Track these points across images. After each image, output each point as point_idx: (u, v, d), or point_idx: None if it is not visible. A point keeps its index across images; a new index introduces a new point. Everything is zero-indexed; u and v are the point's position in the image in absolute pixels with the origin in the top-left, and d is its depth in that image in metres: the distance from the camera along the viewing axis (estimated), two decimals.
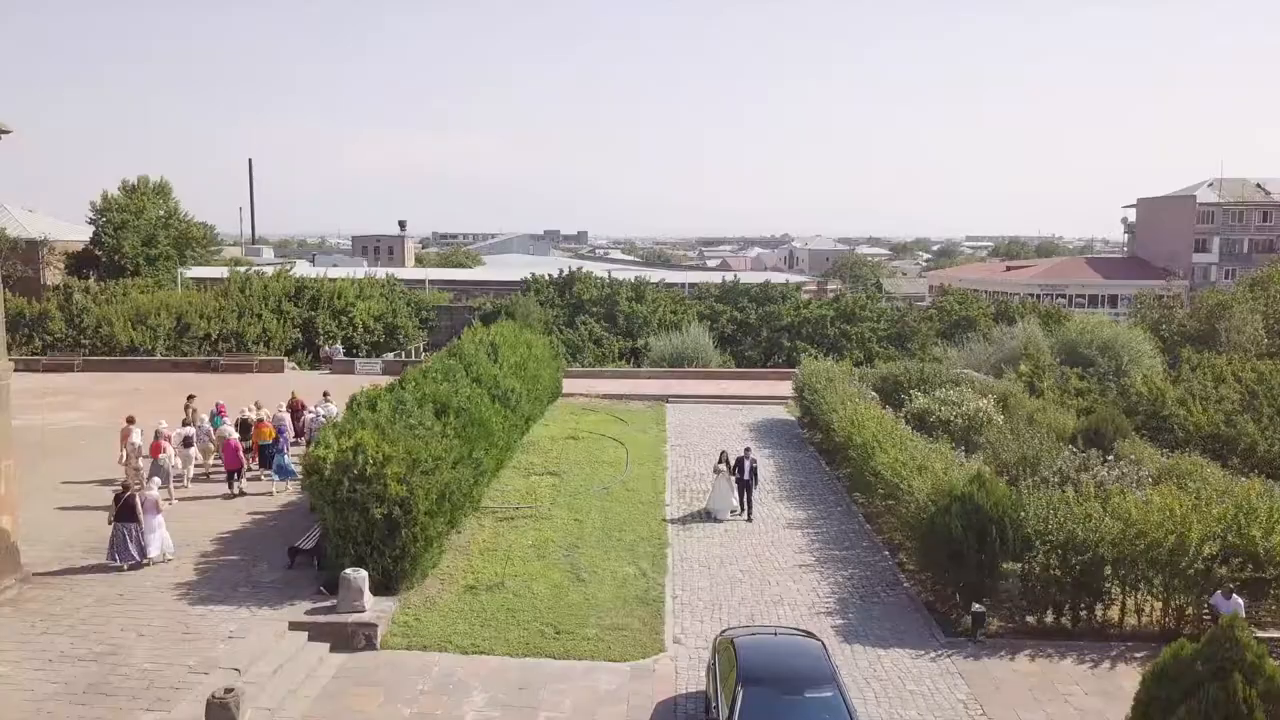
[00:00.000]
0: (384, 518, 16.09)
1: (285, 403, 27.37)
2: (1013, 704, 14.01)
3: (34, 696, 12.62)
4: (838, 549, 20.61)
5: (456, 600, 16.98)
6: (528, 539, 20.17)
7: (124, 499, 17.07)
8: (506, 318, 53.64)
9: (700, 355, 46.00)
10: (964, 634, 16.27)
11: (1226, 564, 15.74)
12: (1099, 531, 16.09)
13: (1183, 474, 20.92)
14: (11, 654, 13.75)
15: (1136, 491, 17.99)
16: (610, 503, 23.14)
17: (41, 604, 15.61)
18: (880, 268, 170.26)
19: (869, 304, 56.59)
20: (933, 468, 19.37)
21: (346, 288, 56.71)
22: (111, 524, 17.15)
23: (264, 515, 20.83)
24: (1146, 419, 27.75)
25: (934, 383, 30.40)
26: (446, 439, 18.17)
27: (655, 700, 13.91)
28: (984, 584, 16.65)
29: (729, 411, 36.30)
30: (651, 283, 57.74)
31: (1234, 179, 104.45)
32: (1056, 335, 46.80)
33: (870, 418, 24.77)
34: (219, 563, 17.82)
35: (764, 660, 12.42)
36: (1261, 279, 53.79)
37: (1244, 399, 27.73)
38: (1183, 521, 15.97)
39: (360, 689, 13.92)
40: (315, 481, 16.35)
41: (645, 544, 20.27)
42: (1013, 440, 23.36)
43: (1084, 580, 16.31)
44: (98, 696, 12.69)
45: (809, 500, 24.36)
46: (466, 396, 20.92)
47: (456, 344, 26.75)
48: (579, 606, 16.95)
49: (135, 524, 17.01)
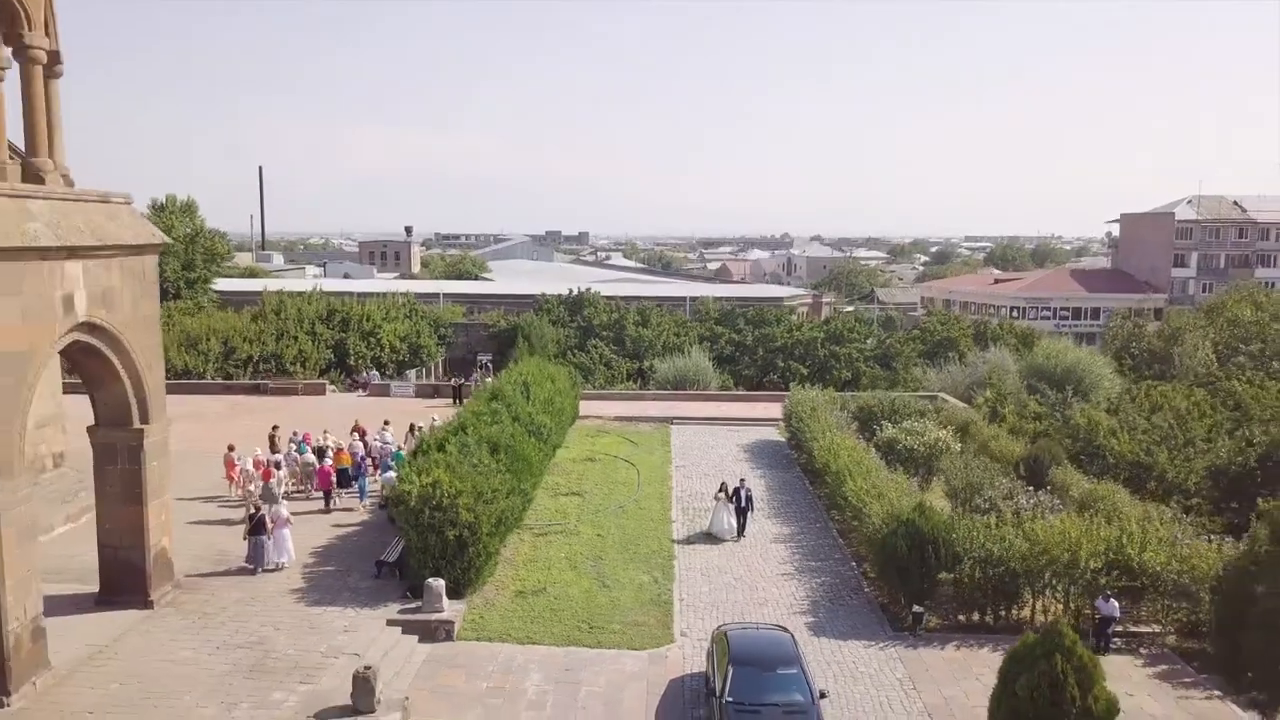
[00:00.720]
0: (455, 538, 20.71)
1: (350, 428, 32.07)
2: (937, 681, 18.61)
3: (215, 674, 17.22)
4: (814, 560, 25.22)
5: (510, 602, 21.60)
6: (561, 552, 24.80)
7: (255, 517, 21.75)
8: (523, 340, 58.36)
9: (701, 377, 50.64)
10: (907, 629, 20.87)
11: (1108, 575, 20.37)
12: (1011, 549, 20.70)
13: (1098, 499, 25.48)
14: (188, 643, 18.35)
15: (1049, 516, 22.60)
16: (626, 520, 27.75)
17: (195, 606, 20.20)
18: (876, 275, 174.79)
19: (856, 326, 61.14)
20: (888, 495, 23.99)
21: (374, 310, 61.28)
22: (247, 538, 21.82)
23: (347, 531, 25.48)
24: (1084, 447, 32.33)
25: (903, 413, 34.91)
26: (500, 474, 22.81)
27: (667, 679, 18.51)
28: (924, 590, 21.23)
29: (727, 433, 40.88)
30: (656, 306, 62.29)
31: (1211, 196, 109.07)
32: (1026, 359, 51.38)
33: (844, 448, 29.39)
34: (320, 572, 22.44)
35: (748, 647, 17.03)
36: (1217, 304, 58.34)
37: (1169, 428, 32.29)
38: (1075, 542, 20.57)
39: (447, 670, 18.52)
40: (402, 510, 20.97)
41: (656, 556, 24.89)
42: (962, 469, 27.95)
43: (1001, 587, 20.92)
44: (261, 673, 17.29)
45: (793, 517, 28.95)
46: (511, 435, 25.56)
47: (496, 383, 31.42)
48: (606, 607, 21.57)
49: (266, 536, 21.68)
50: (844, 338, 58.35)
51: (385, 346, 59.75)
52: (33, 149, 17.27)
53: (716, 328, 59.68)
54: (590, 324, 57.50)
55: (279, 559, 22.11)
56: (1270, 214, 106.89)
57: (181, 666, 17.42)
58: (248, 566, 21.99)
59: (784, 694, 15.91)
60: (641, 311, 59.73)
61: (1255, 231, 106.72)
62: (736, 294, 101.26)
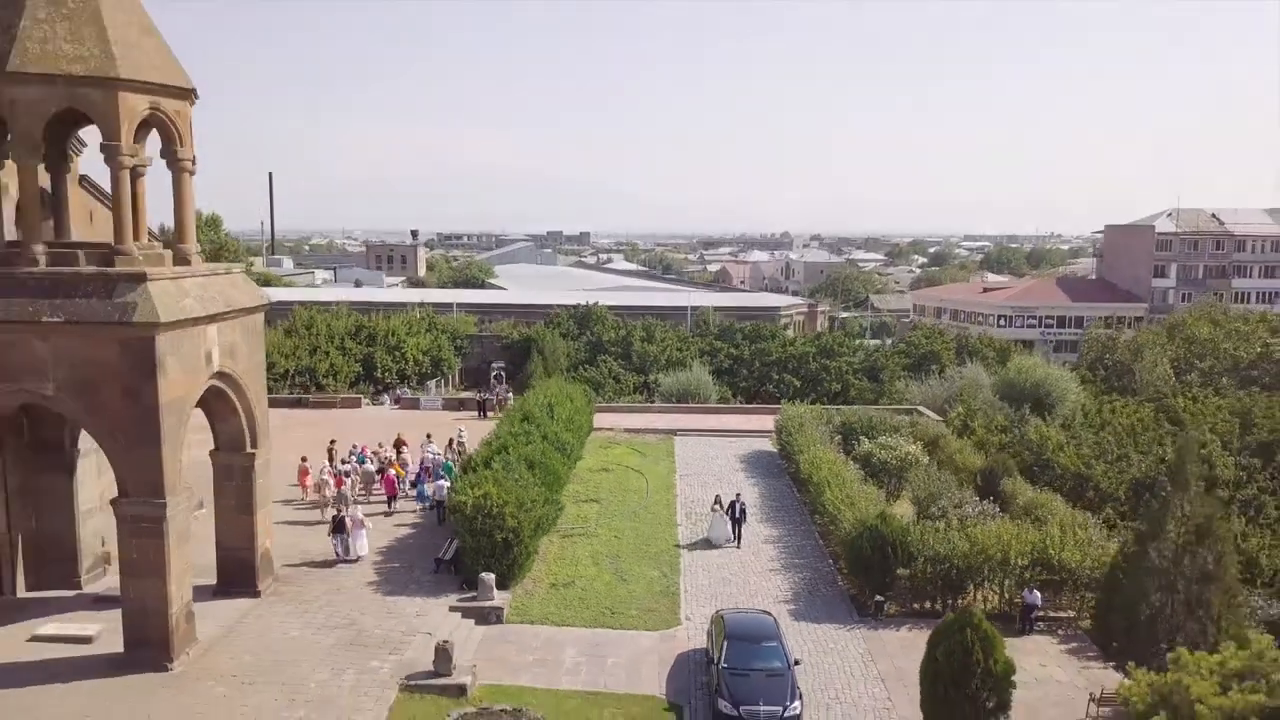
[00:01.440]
0: (502, 540, 25.43)
1: (394, 441, 36.87)
2: (891, 655, 23.32)
3: (322, 647, 21.94)
4: (798, 559, 29.96)
5: (546, 593, 26.34)
6: (585, 551, 29.52)
7: (337, 519, 26.56)
8: (537, 354, 63.04)
9: (701, 390, 55.36)
10: (870, 615, 25.60)
11: (1033, 570, 25.10)
12: (955, 550, 25.41)
13: (1038, 507, 30.15)
14: (295, 624, 23.08)
15: (989, 522, 27.34)
16: (638, 523, 32.48)
17: (293, 595, 24.93)
18: (871, 281, 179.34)
19: (846, 341, 65.83)
20: (859, 504, 28.72)
21: (399, 326, 66.00)
22: (331, 535, 26.62)
23: (406, 532, 30.24)
24: (1035, 459, 37.01)
25: (880, 429, 39.62)
26: (536, 486, 27.55)
27: (675, 653, 23.20)
28: (885, 583, 25.93)
29: (725, 444, 45.58)
30: (660, 322, 67.04)
31: (1190, 209, 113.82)
32: (999, 374, 56.04)
33: (825, 461, 34.12)
34: (388, 568, 27.16)
35: (740, 626, 21.73)
36: (1178, 322, 63.05)
37: (1109, 443, 36.95)
38: (1006, 544, 25.29)
39: (500, 645, 23.23)
40: (459, 516, 25.71)
41: (665, 555, 29.62)
42: (925, 480, 32.65)
43: (947, 580, 25.63)
44: (358, 647, 22.02)
45: (781, 521, 33.68)
46: (542, 452, 30.29)
47: (526, 405, 36.20)
48: (624, 597, 26.30)
49: (346, 535, 26.47)
50: (834, 352, 63.02)
51: (409, 360, 64.46)
52: (180, 237, 21.96)
53: (716, 342, 64.41)
54: (599, 339, 62.20)
55: (358, 554, 26.89)
56: (1246, 227, 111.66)
57: (294, 642, 22.16)
58: (331, 560, 26.78)
59: (767, 662, 20.60)
60: (647, 328, 64.46)
61: (1232, 243, 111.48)
62: (735, 304, 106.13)
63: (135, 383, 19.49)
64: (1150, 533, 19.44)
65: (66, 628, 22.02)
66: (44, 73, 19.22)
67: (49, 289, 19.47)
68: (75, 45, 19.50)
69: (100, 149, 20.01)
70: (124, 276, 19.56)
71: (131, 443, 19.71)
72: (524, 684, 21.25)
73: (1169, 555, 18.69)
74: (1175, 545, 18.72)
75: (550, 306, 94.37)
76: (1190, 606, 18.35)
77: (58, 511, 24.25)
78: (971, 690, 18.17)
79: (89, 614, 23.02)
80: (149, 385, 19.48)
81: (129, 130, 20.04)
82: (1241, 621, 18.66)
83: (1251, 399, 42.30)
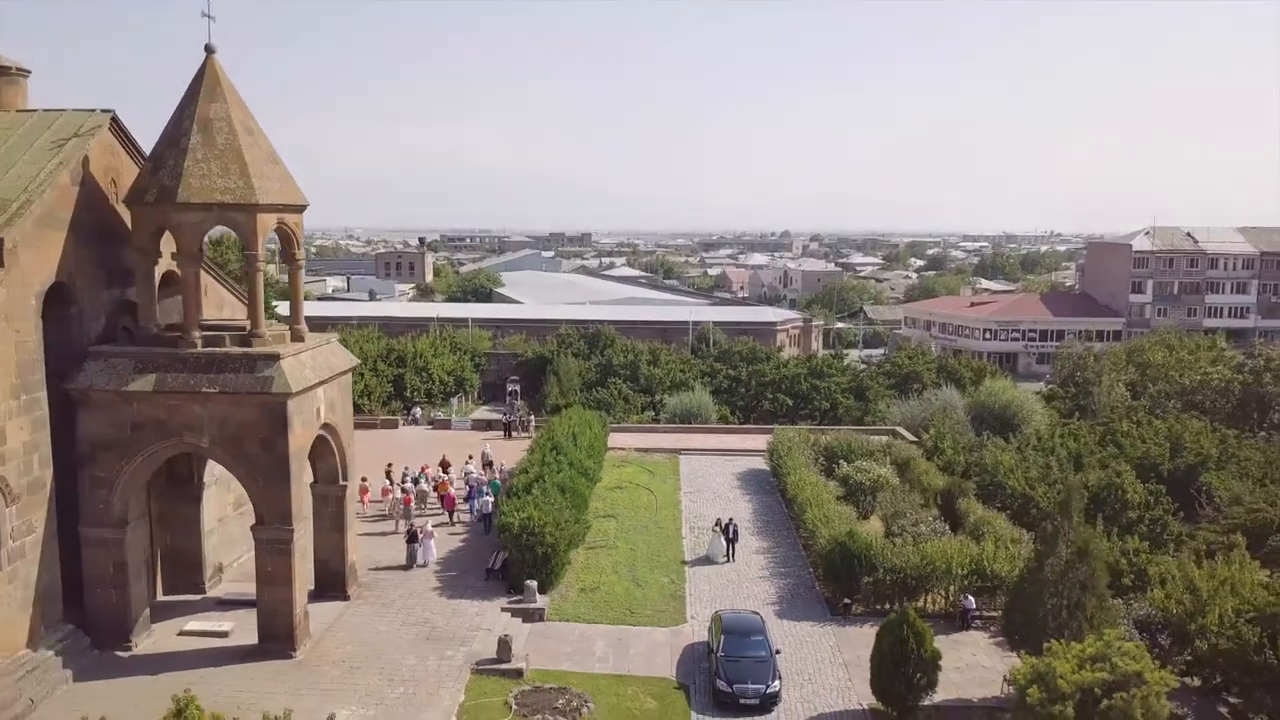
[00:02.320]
0: (542, 553, 31.43)
1: (439, 462, 43.03)
2: (855, 646, 29.26)
3: (406, 639, 27.95)
4: (783, 568, 35.95)
5: (576, 596, 32.34)
6: (607, 561, 35.52)
7: (410, 531, 32.75)
8: (553, 376, 69.03)
9: (703, 411, 61.39)
10: (840, 614, 31.60)
11: (971, 578, 31.08)
12: (909, 561, 31.39)
13: (985, 525, 36.06)
14: (380, 622, 29.08)
15: (939, 539, 33.34)
16: (649, 537, 38.47)
17: (374, 598, 30.94)
18: (865, 290, 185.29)
19: (834, 363, 71.85)
20: (833, 522, 34.72)
21: (425, 348, 72.11)
22: (407, 545, 32.79)
23: (458, 544, 36.28)
24: (990, 480, 42.94)
25: (858, 453, 45.65)
26: (568, 508, 33.59)
27: (683, 645, 29.17)
28: (852, 588, 31.89)
29: (724, 462, 51.60)
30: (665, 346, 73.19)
31: (1166, 228, 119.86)
32: (971, 396, 62.08)
33: (808, 483, 40.14)
34: (448, 575, 33.19)
35: (734, 623, 27.72)
36: (1136, 347, 69.06)
37: (1051, 466, 42.86)
38: (950, 557, 31.28)
39: (543, 639, 29.21)
40: (508, 535, 31.72)
41: (672, 565, 35.63)
42: (893, 500, 38.65)
43: (903, 586, 31.58)
44: (434, 640, 28.02)
45: (771, 534, 39.66)
46: (570, 478, 36.32)
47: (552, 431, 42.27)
48: (640, 600, 32.29)
49: (418, 545, 32.58)
50: (824, 373, 69.02)
51: (435, 380, 70.53)
52: (295, 319, 27.97)
53: (715, 365, 70.47)
54: (610, 363, 68.23)
55: (427, 559, 33.04)
56: (1218, 245, 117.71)
57: (383, 636, 28.19)
58: (399, 564, 32.92)
59: (754, 651, 26.57)
60: (653, 351, 70.56)
61: (1205, 261, 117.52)
62: (734, 318, 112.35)
63: (271, 437, 25.50)
64: (1045, 552, 25.36)
65: (207, 624, 28.06)
66: (203, 202, 25.25)
67: (205, 365, 25.47)
68: (224, 179, 25.51)
69: (243, 256, 26.04)
70: (262, 356, 25.58)
71: (268, 483, 25.73)
72: (565, 669, 27.26)
73: (1058, 570, 24.59)
74: (1063, 562, 24.63)
75: (559, 321, 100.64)
76: (1071, 609, 24.20)
77: (187, 532, 30.29)
78: (908, 671, 24.21)
79: (218, 613, 29.09)
80: (282, 439, 25.49)
81: (263, 241, 26.08)
82: (1113, 621, 24.50)
83: (1183, 424, 48.19)
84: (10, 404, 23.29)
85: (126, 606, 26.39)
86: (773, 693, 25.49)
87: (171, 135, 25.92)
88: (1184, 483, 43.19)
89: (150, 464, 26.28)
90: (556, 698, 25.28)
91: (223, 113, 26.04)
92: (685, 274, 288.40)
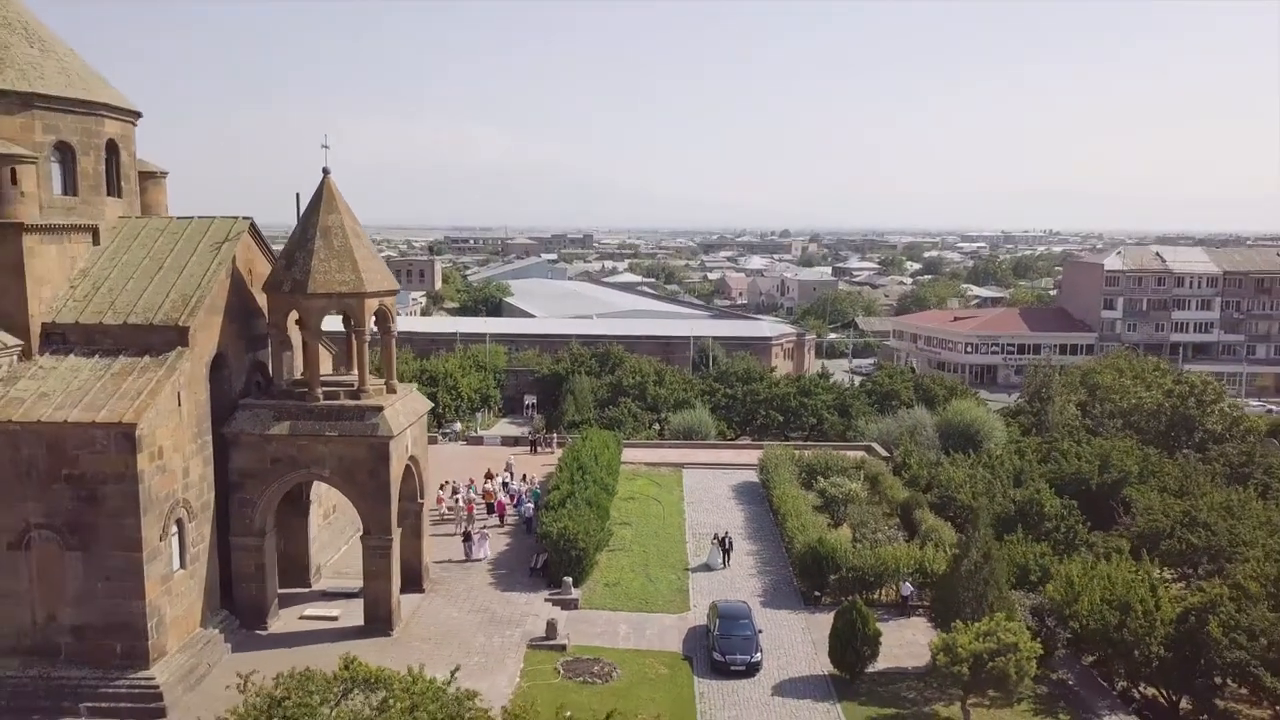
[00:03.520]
0: (575, 556, 39.70)
1: (484, 474, 51.40)
2: (820, 629, 37.29)
3: (473, 623, 36.22)
4: (769, 568, 44.18)
5: (603, 590, 40.60)
6: (625, 562, 43.76)
7: (466, 533, 41.21)
8: (569, 395, 77.21)
9: (703, 428, 69.65)
10: (812, 604, 39.85)
11: (914, 574, 39.33)
12: (866, 562, 39.62)
13: (934, 532, 44.22)
14: (452, 610, 37.35)
15: (891, 544, 41.58)
16: (659, 542, 46.70)
17: (444, 590, 39.20)
18: (858, 300, 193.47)
19: (821, 383, 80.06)
20: (808, 530, 42.96)
21: (454, 368, 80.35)
22: (464, 544, 41.21)
23: (505, 546, 44.59)
24: (944, 493, 51.11)
25: (834, 469, 53.93)
26: (595, 520, 41.89)
27: (687, 627, 37.40)
28: (822, 583, 40.13)
29: (723, 475, 59.84)
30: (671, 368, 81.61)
31: (1136, 247, 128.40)
32: (940, 414, 70.23)
33: (790, 497, 48.40)
34: (499, 573, 41.47)
35: (726, 610, 35.95)
36: (1090, 369, 77.24)
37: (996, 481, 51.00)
38: (896, 558, 39.52)
39: (578, 623, 37.44)
40: (548, 540, 40.00)
41: (678, 565, 43.88)
42: (859, 512, 46.88)
43: (863, 581, 39.78)
44: (495, 624, 36.29)
45: (759, 539, 47.89)
46: (595, 494, 44.60)
47: (577, 452, 50.56)
48: (653, 593, 40.55)
49: (473, 543, 41.00)
50: (811, 391, 77.22)
51: (464, 398, 78.78)
52: (389, 376, 36.23)
53: (714, 384, 78.73)
54: (620, 383, 76.51)
55: (483, 555, 41.51)
56: (1184, 264, 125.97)
57: (455, 620, 36.45)
58: (458, 559, 41.38)
59: (742, 631, 34.77)
60: (659, 372, 78.81)
61: (1172, 279, 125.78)
62: (732, 333, 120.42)
63: (376, 468, 33.74)
64: (962, 554, 33.57)
65: (320, 610, 36.33)
66: (326, 292, 33.49)
67: (326, 414, 33.72)
68: (340, 274, 33.75)
69: (352, 332, 34.36)
70: (369, 408, 33.84)
71: (374, 503, 33.99)
72: (597, 645, 35.51)
73: (969, 569, 32.78)
74: (973, 564, 32.81)
75: (570, 336, 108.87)
76: (978, 599, 32.34)
77: (298, 539, 38.54)
78: (856, 645, 32.47)
79: (324, 602, 37.36)
80: (384, 469, 33.75)
81: (369, 320, 34.34)
82: (1009, 608, 32.54)
83: (1112, 444, 56.34)
84: (191, 447, 31.59)
85: (264, 596, 34.71)
86: (756, 662, 33.73)
87: (299, 239, 34.18)
88: (1109, 496, 51.33)
89: (282, 489, 34.57)
90: (592, 665, 33.58)
91: (338, 222, 34.30)
92: (686, 278, 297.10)
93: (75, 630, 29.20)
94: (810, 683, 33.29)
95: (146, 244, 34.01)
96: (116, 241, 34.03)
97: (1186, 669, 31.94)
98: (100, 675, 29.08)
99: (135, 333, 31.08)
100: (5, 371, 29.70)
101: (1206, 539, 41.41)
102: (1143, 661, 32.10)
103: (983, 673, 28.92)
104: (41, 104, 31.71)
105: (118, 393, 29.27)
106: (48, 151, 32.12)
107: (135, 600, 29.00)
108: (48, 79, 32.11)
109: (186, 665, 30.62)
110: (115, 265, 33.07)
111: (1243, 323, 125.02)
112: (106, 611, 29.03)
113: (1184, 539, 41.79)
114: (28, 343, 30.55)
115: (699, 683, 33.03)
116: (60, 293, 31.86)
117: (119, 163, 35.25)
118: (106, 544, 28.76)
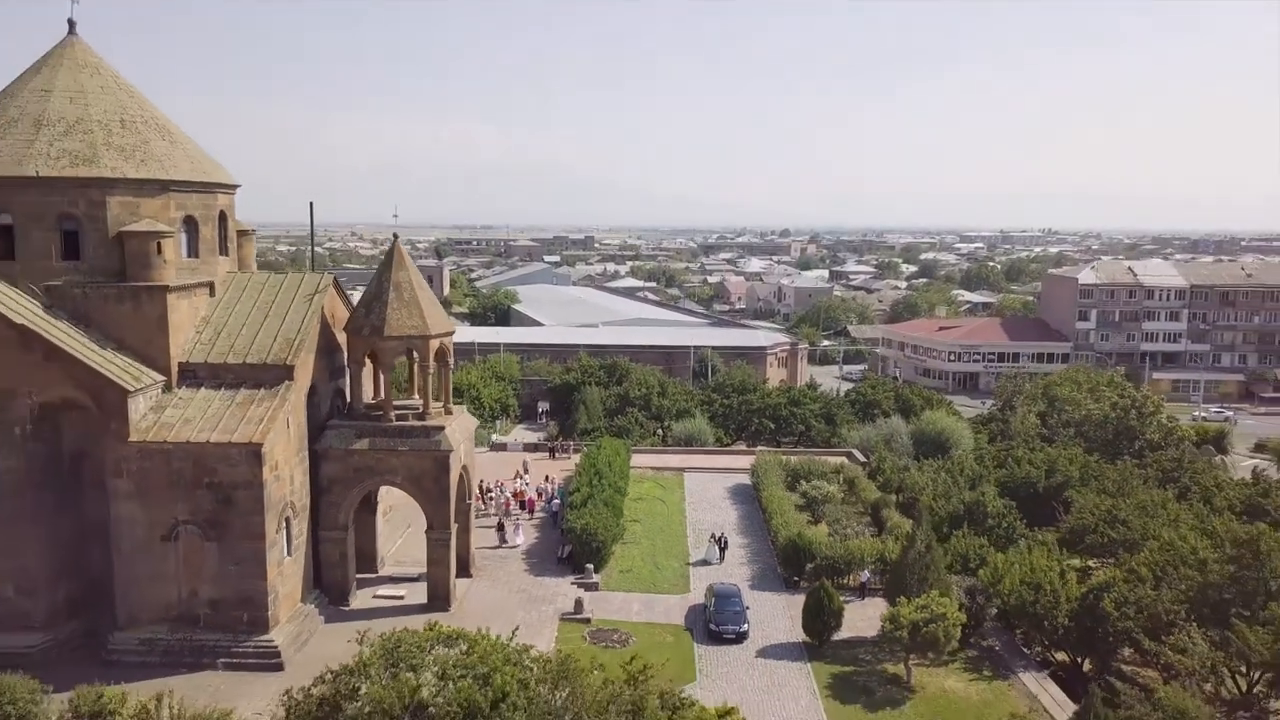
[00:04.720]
0: (595, 547, 47.97)
1: (514, 474, 59.81)
2: (797, 606, 45.37)
3: (514, 602, 44.44)
4: (757, 558, 52.40)
5: (619, 575, 48.86)
6: (635, 553, 51.99)
7: (499, 523, 49.59)
8: (581, 404, 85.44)
9: (702, 436, 77.94)
10: (791, 588, 48.07)
11: (875, 562, 47.55)
12: (836, 552, 47.84)
13: (897, 528, 52.38)
14: (496, 591, 45.59)
15: (857, 538, 49.81)
16: (665, 536, 54.95)
17: (487, 574, 47.44)
18: (852, 306, 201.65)
19: (809, 393, 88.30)
20: (790, 526, 51.20)
21: (476, 380, 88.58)
22: (497, 533, 49.58)
23: (534, 537, 52.90)
24: (909, 494, 59.29)
25: (816, 474, 62.18)
26: (611, 517, 50.17)
27: (688, 605, 45.58)
28: (800, 570, 48.33)
29: (719, 478, 68.06)
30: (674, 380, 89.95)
31: (1109, 261, 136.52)
32: (914, 424, 78.45)
33: (776, 498, 56.66)
34: (530, 561, 49.74)
35: (721, 590, 44.16)
36: (1051, 382, 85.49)
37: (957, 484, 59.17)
38: (860, 550, 47.75)
39: (599, 602, 45.58)
40: (573, 535, 48.28)
41: (681, 557, 52.12)
42: (835, 511, 55.09)
43: (833, 568, 47.95)
44: (533, 602, 44.55)
45: (749, 534, 56.12)
46: (610, 497, 52.88)
47: (594, 459, 58.80)
48: (660, 578, 48.79)
49: (506, 532, 49.45)
50: (800, 401, 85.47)
51: (486, 407, 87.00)
52: (446, 401, 44.43)
53: (712, 395, 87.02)
54: (627, 394, 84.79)
55: (517, 542, 49.88)
56: (1154, 278, 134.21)
57: (500, 599, 44.70)
58: (494, 545, 49.70)
59: (733, 607, 42.94)
60: (662, 384, 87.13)
61: (1142, 292, 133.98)
62: (729, 342, 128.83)
63: (439, 476, 41.97)
64: (909, 544, 41.85)
65: (389, 591, 44.58)
66: (398, 335, 41.71)
67: (398, 433, 41.97)
68: (410, 320, 41.96)
69: (417, 366, 42.64)
70: (433, 427, 42.08)
71: (437, 504, 42.22)
72: (616, 619, 43.73)
73: (913, 558, 41.02)
74: (916, 553, 41.04)
75: (578, 346, 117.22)
76: (920, 581, 40.54)
77: (368, 533, 46.76)
78: (823, 618, 40.72)
79: (391, 585, 45.62)
80: (445, 477, 41.99)
81: (431, 357, 42.56)
82: (946, 588, 40.66)
83: (1059, 451, 64.56)
84: (295, 459, 39.86)
85: (346, 580, 42.98)
86: (744, 631, 41.98)
87: (375, 291, 42.42)
88: (1053, 497, 59.56)
89: (361, 493, 42.82)
90: (612, 634, 41.84)
91: (406, 277, 42.54)
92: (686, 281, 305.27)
93: (212, 603, 37.43)
94: (787, 648, 41.56)
95: (253, 295, 42.23)
96: (229, 293, 42.25)
97: (1087, 636, 40.10)
98: (231, 638, 37.33)
99: (252, 370, 39.29)
100: (155, 401, 37.96)
101: (1123, 533, 49.61)
102: (1053, 630, 40.36)
103: (919, 636, 37.17)
104: (175, 188, 39.90)
105: (244, 418, 37.53)
106: (179, 225, 40.29)
107: (259, 580, 37.26)
108: (179, 167, 40.30)
109: (294, 632, 38.89)
110: (230, 314, 41.29)
111: (1208, 333, 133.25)
112: (236, 589, 37.28)
113: (1105, 533, 49.99)
114: (169, 378, 38.76)
115: (698, 648, 41.27)
116: (189, 337, 40.08)
117: (226, 227, 43.43)
118: (237, 536, 37.01)
